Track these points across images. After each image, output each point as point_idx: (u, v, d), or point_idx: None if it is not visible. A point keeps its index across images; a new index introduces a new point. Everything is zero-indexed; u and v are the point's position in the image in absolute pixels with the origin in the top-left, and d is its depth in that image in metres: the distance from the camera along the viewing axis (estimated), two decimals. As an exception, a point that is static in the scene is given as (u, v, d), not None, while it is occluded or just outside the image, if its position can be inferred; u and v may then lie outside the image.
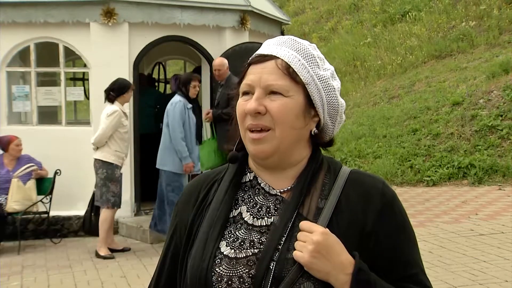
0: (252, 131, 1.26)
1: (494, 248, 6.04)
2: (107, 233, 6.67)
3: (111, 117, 6.46)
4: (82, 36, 7.56)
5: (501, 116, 10.29)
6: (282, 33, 9.40)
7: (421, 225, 7.07)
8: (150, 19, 7.62)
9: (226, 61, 7.17)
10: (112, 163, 6.55)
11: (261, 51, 1.31)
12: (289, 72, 1.26)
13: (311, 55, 1.30)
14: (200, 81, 6.90)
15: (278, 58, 1.27)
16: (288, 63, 1.26)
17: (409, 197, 8.76)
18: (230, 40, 7.99)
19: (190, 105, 6.70)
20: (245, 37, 8.15)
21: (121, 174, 6.71)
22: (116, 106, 6.56)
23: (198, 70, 9.73)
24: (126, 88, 6.62)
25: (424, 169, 9.84)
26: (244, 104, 1.27)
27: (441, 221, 7.33)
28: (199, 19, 7.84)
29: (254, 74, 1.27)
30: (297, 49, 1.29)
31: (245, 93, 1.28)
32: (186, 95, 6.64)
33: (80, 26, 7.54)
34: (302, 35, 19.35)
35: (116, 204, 6.66)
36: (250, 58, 1.32)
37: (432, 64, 13.97)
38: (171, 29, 7.81)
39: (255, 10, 8.37)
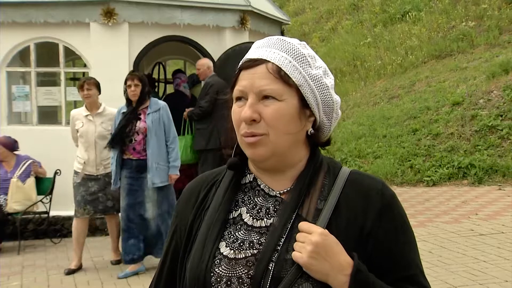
0: (246, 136, 1.25)
1: (494, 248, 6.04)
2: (74, 245, 6.13)
3: None
4: (82, 36, 7.55)
5: (501, 116, 10.30)
6: (282, 33, 9.40)
7: (421, 225, 7.07)
8: (150, 19, 7.62)
9: (206, 61, 7.44)
10: (74, 169, 6.15)
11: (250, 55, 1.29)
12: (281, 76, 1.24)
13: (302, 54, 1.28)
14: (140, 79, 5.71)
15: (269, 61, 1.25)
16: (279, 66, 1.24)
17: (409, 197, 8.77)
18: (230, 40, 7.99)
19: (125, 109, 5.80)
20: (245, 37, 8.14)
21: (77, 182, 6.07)
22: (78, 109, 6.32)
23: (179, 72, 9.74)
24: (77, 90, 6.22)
25: (424, 169, 9.84)
26: (239, 111, 1.26)
27: (441, 221, 7.33)
28: (199, 19, 7.84)
29: (246, 80, 1.25)
30: (287, 50, 1.27)
31: (238, 99, 1.27)
32: (127, 98, 5.79)
33: (80, 26, 7.53)
34: (302, 35, 19.38)
35: (75, 213, 6.11)
36: (240, 63, 1.30)
37: (432, 64, 13.97)
38: (171, 29, 7.81)
39: (255, 10, 8.37)
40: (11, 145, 7.25)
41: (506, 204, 7.99)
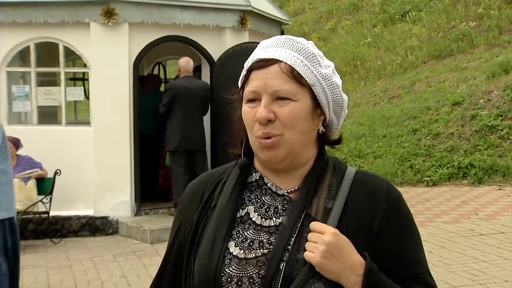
0: (262, 138, 1.24)
1: (494, 248, 6.04)
2: None
3: None
4: (82, 36, 7.55)
5: (501, 116, 10.30)
6: (282, 33, 9.39)
7: (421, 225, 7.06)
8: (150, 19, 7.61)
9: (180, 61, 7.60)
10: None
11: (261, 55, 1.27)
12: (294, 75, 1.23)
13: (312, 54, 1.27)
14: None
15: (281, 61, 1.24)
16: (292, 66, 1.23)
17: (409, 197, 8.76)
18: (230, 40, 7.99)
19: None
20: (245, 37, 8.14)
21: None
22: None
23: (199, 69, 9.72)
24: None
25: (424, 169, 9.84)
26: (251, 112, 1.24)
27: (441, 221, 7.33)
28: (199, 19, 7.84)
29: (259, 80, 1.24)
30: (298, 50, 1.26)
31: (251, 100, 1.26)
32: None
33: (80, 26, 7.53)
34: (302, 35, 19.30)
35: None
36: (249, 63, 1.28)
37: (432, 64, 13.97)
38: (171, 29, 7.81)
39: (255, 10, 8.36)
40: (16, 144, 7.27)
41: (506, 204, 7.99)
